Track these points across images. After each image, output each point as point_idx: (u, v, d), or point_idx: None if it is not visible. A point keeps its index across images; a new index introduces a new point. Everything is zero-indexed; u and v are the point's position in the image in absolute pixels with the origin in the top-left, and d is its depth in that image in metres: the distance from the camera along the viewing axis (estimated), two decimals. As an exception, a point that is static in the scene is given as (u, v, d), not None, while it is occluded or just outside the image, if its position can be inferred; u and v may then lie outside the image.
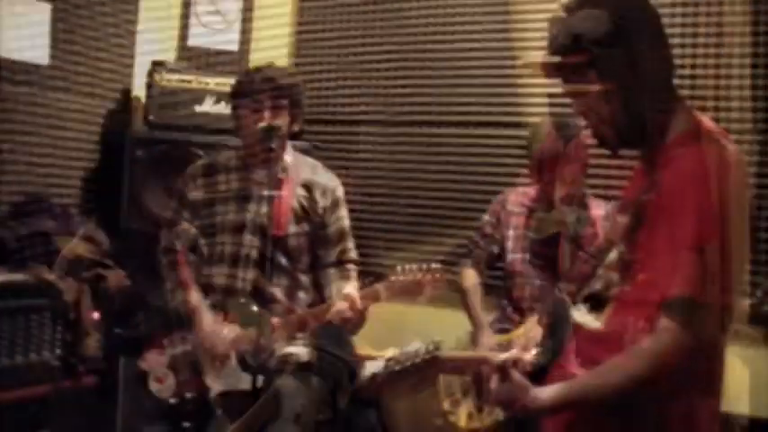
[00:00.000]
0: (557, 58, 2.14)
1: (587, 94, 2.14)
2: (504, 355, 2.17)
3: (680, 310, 1.92)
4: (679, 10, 4.22)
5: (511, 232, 3.77)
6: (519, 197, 3.82)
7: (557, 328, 2.23)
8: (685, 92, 4.07)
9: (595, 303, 2.21)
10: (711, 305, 1.94)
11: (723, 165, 2.02)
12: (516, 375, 2.05)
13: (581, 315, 2.21)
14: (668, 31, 2.23)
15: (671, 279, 1.93)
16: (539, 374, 2.19)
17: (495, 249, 3.82)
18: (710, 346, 2.04)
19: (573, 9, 2.12)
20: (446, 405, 3.65)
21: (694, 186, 1.95)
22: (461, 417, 3.58)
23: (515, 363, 2.15)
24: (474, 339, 3.67)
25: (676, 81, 2.22)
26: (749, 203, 2.12)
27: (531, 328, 3.17)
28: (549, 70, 2.20)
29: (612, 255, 2.18)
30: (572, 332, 2.19)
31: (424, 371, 2.04)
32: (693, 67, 4.20)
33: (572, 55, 2.11)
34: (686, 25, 4.22)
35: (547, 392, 2.05)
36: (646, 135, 2.15)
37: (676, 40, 4.11)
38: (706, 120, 2.17)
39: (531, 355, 2.24)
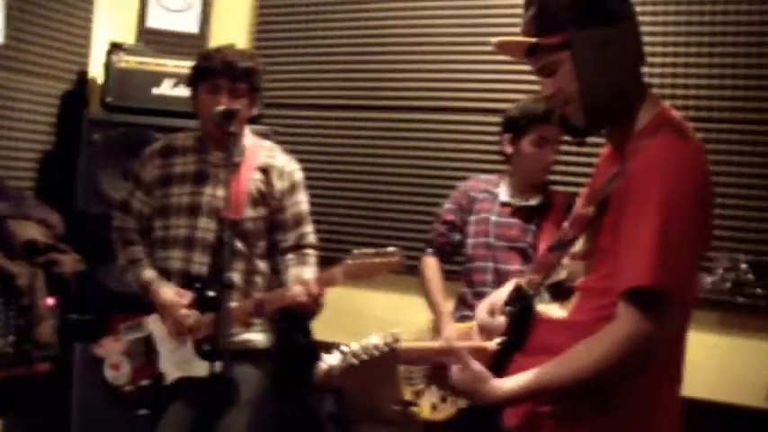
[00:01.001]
0: (532, 39, 2.14)
1: (557, 74, 2.15)
2: (464, 345, 2.16)
3: (640, 298, 1.92)
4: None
5: (473, 217, 3.77)
6: (481, 184, 3.84)
7: (520, 316, 2.22)
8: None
9: (559, 292, 2.21)
10: (673, 293, 1.94)
11: (688, 154, 2.03)
12: (475, 365, 2.04)
13: (545, 304, 2.21)
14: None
15: (633, 267, 1.94)
16: (501, 364, 2.18)
17: (457, 237, 3.82)
18: (672, 333, 2.05)
19: None
20: (409, 395, 3.64)
21: (658, 175, 1.95)
22: (425, 407, 3.57)
23: (476, 352, 2.15)
24: (436, 328, 3.67)
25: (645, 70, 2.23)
26: (711, 191, 2.12)
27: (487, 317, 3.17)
28: (522, 50, 2.20)
29: (578, 244, 2.18)
30: (536, 321, 2.18)
31: (382, 364, 2.02)
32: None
33: (547, 35, 2.12)
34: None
35: (508, 382, 2.05)
36: (612, 119, 2.16)
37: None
38: (671, 110, 2.18)
39: (493, 344, 2.23)
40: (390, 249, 3.26)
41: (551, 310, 2.20)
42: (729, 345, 4.16)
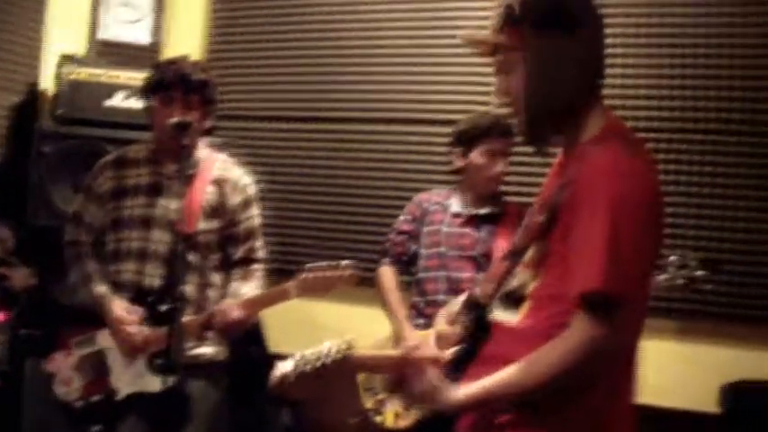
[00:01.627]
0: (493, 37, 2.14)
1: (511, 74, 2.14)
2: (419, 353, 2.17)
3: (593, 304, 1.93)
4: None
5: (425, 229, 3.79)
6: (432, 196, 3.87)
7: (473, 326, 2.24)
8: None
9: (512, 301, 2.22)
10: (625, 297, 1.95)
11: (634, 160, 2.04)
12: (432, 373, 2.05)
13: (498, 313, 2.23)
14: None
15: (584, 272, 1.94)
16: (456, 372, 2.19)
17: (413, 247, 3.84)
18: (626, 338, 2.07)
19: None
20: (371, 404, 3.64)
21: (604, 180, 1.96)
22: (389, 416, 3.57)
23: (432, 362, 2.16)
24: (396, 337, 3.68)
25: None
26: (662, 200, 2.15)
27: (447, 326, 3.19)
28: (486, 47, 2.19)
29: (529, 252, 2.19)
30: (489, 330, 2.20)
31: (336, 370, 2.02)
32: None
33: (507, 32, 2.11)
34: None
35: (464, 390, 2.06)
36: (553, 128, 2.17)
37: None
38: (620, 122, 2.20)
39: (448, 353, 2.24)
40: (344, 263, 3.28)
41: (504, 318, 2.20)
42: (679, 351, 4.22)
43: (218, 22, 5.31)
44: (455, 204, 3.77)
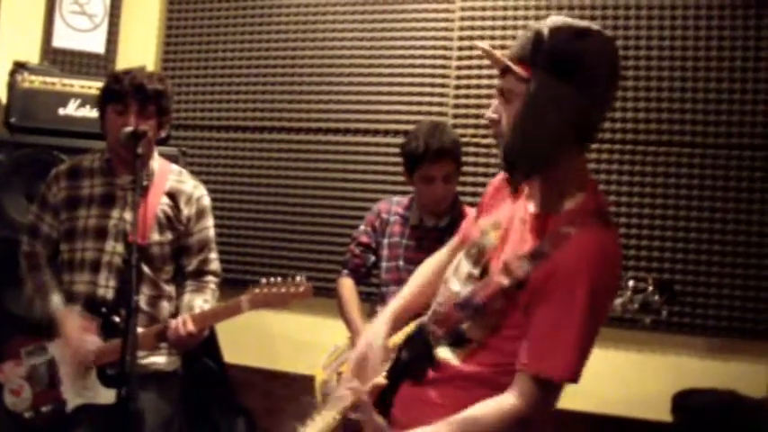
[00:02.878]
0: (506, 60, 2.15)
1: (511, 105, 2.15)
2: (366, 390, 2.21)
3: (545, 385, 2.06)
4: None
5: (386, 240, 3.80)
6: (392, 206, 3.87)
7: (413, 361, 2.28)
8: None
9: (458, 340, 2.26)
10: (574, 380, 2.09)
11: (612, 247, 2.13)
12: (378, 420, 2.09)
13: (442, 349, 2.27)
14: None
15: (551, 358, 2.04)
16: (386, 396, 2.24)
17: (372, 259, 3.86)
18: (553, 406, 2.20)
19: (556, 26, 2.11)
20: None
21: (587, 275, 2.02)
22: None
23: (374, 389, 2.21)
24: (353, 345, 3.68)
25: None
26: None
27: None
28: (499, 65, 2.19)
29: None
30: (429, 366, 2.25)
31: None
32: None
33: (520, 62, 2.12)
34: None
35: None
36: (533, 170, 2.19)
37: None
38: (599, 192, 2.24)
39: (382, 380, 2.28)
40: (298, 279, 3.29)
41: (447, 356, 2.26)
42: (633, 360, 4.28)
43: (173, 31, 5.31)
44: (414, 217, 3.77)
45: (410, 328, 2.46)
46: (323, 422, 2.18)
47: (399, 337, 2.51)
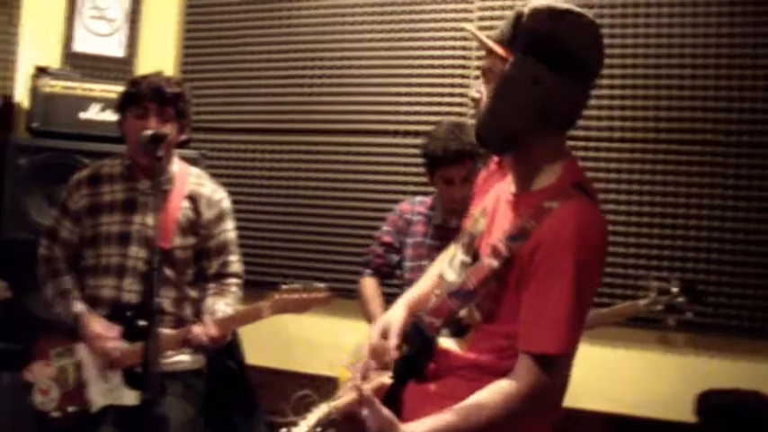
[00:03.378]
0: (489, 42, 2.16)
1: (490, 85, 2.17)
2: (367, 387, 2.20)
3: (545, 361, 2.05)
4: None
5: (409, 240, 3.80)
6: (415, 206, 3.87)
7: (416, 357, 2.27)
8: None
9: (457, 329, 2.27)
10: (572, 354, 2.11)
11: (596, 220, 2.13)
12: (384, 411, 2.08)
13: (443, 339, 2.27)
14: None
15: (544, 334, 2.05)
16: (395, 393, 2.23)
17: (395, 258, 3.86)
18: (563, 381, 2.22)
19: (536, 8, 2.12)
20: None
21: (571, 248, 2.03)
22: None
23: (379, 389, 2.20)
24: None
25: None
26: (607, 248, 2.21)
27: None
28: (484, 47, 2.21)
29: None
30: (433, 355, 2.25)
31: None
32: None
33: (502, 44, 2.14)
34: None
35: (413, 426, 2.08)
36: (504, 149, 2.23)
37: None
38: (577, 167, 2.24)
39: (388, 378, 2.27)
40: (318, 285, 3.35)
41: (449, 345, 2.27)
42: (656, 361, 4.26)
43: (192, 34, 5.33)
44: (437, 216, 3.77)
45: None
46: (316, 415, 2.17)
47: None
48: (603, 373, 4.27)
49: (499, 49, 2.14)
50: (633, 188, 4.27)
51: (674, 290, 3.72)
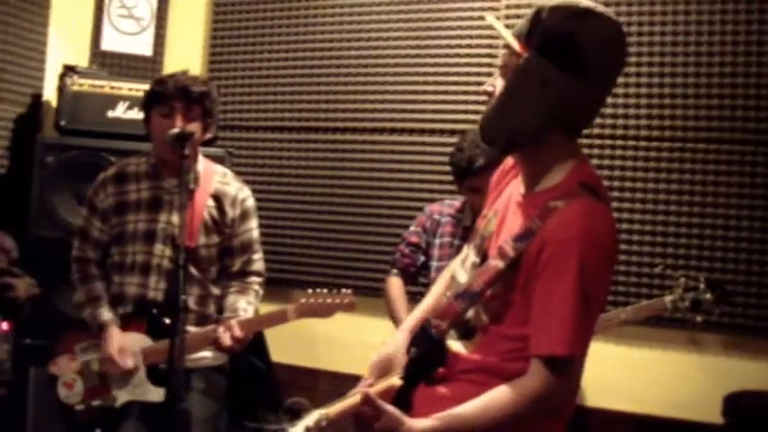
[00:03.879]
0: (508, 38, 2.15)
1: (503, 78, 2.17)
2: (375, 389, 2.20)
3: (555, 364, 2.03)
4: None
5: (437, 240, 3.80)
6: (444, 208, 3.87)
7: (425, 359, 2.26)
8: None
9: (464, 331, 2.26)
10: (581, 355, 2.09)
11: (603, 219, 2.10)
12: (389, 409, 2.07)
13: (450, 342, 2.27)
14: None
15: (550, 335, 2.03)
16: (405, 397, 2.22)
17: (421, 258, 3.86)
18: (574, 383, 2.18)
19: (556, 6, 2.10)
20: None
21: (576, 247, 2.01)
22: None
23: (386, 392, 2.20)
24: None
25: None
26: (618, 247, 2.20)
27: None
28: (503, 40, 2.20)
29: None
30: (440, 362, 2.24)
31: None
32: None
33: (520, 40, 2.13)
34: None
35: (420, 424, 2.08)
36: (508, 150, 2.24)
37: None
38: (591, 168, 2.22)
39: (397, 380, 2.27)
40: (344, 291, 3.37)
41: (456, 348, 2.26)
42: (683, 361, 4.22)
43: (218, 33, 5.34)
44: (467, 218, 3.76)
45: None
46: (305, 422, 2.17)
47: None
48: (629, 372, 4.25)
49: (515, 44, 2.13)
50: (661, 187, 4.23)
51: (701, 287, 3.70)
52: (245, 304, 3.46)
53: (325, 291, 3.36)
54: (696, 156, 4.19)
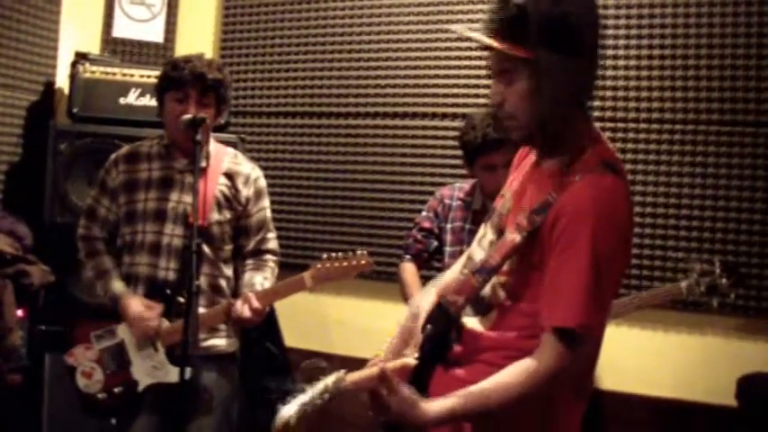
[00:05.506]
0: (495, 43, 2.12)
1: (512, 87, 2.15)
2: (390, 366, 2.19)
3: (568, 337, 2.01)
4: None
5: (449, 226, 3.80)
6: (455, 192, 3.86)
7: (440, 337, 2.26)
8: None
9: (480, 308, 2.25)
10: (595, 329, 2.07)
11: (617, 193, 2.09)
12: (404, 390, 2.07)
13: (466, 319, 2.26)
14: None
15: (563, 308, 2.02)
16: (422, 379, 2.22)
17: (434, 243, 3.86)
18: (590, 359, 2.18)
19: None
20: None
21: (588, 218, 2.00)
22: None
23: (401, 370, 2.19)
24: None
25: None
26: (633, 224, 2.19)
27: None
28: (481, 44, 2.19)
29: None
30: (459, 335, 2.24)
31: (336, 403, 2.06)
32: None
33: (512, 44, 2.10)
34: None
35: (435, 405, 2.08)
36: (550, 144, 2.20)
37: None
38: (607, 145, 2.21)
39: (413, 360, 2.26)
40: (359, 253, 3.31)
41: (472, 325, 2.25)
42: (697, 344, 4.22)
43: (230, 19, 5.34)
44: (477, 202, 3.76)
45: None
46: (324, 382, 2.15)
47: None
48: (644, 356, 4.24)
49: (510, 49, 2.10)
50: (673, 170, 4.22)
51: (717, 271, 3.69)
52: (262, 279, 3.46)
53: (340, 254, 3.31)
54: (708, 138, 4.18)
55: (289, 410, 2.02)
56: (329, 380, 2.06)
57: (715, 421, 4.06)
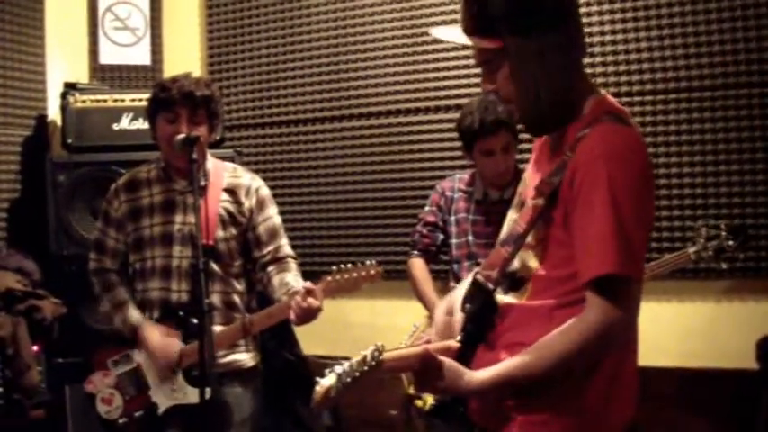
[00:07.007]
0: (468, 41, 2.13)
1: (498, 75, 2.15)
2: (432, 346, 2.19)
3: (607, 287, 1.96)
4: None
5: (452, 218, 3.80)
6: (455, 183, 3.86)
7: (480, 312, 2.25)
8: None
9: (514, 282, 2.23)
10: (634, 276, 2.00)
11: (628, 138, 2.07)
12: (449, 362, 2.07)
13: (501, 295, 2.24)
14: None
15: (595, 257, 1.97)
16: (466, 359, 2.20)
17: (440, 237, 3.86)
18: (636, 315, 2.09)
19: None
20: (411, 390, 3.68)
21: (603, 164, 1.98)
22: (428, 399, 3.60)
23: (442, 351, 2.18)
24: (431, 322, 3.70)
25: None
26: (652, 170, 2.15)
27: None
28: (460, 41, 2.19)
29: (529, 235, 2.20)
30: (496, 312, 2.21)
31: (374, 376, 2.04)
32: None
33: (482, 37, 2.10)
34: None
35: (481, 374, 2.07)
36: (551, 122, 2.17)
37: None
38: (609, 97, 2.19)
39: (455, 342, 2.26)
40: (368, 263, 3.29)
41: (508, 299, 2.22)
42: (713, 311, 4.21)
43: (214, 34, 5.35)
44: (477, 191, 3.76)
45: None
46: (362, 354, 2.14)
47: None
48: (661, 327, 4.21)
49: (483, 41, 2.10)
50: (671, 139, 4.22)
51: (723, 234, 3.69)
52: (293, 277, 3.40)
53: (349, 265, 3.26)
54: (703, 105, 4.18)
55: (329, 380, 2.01)
56: (368, 351, 2.05)
57: (740, 386, 4.03)
